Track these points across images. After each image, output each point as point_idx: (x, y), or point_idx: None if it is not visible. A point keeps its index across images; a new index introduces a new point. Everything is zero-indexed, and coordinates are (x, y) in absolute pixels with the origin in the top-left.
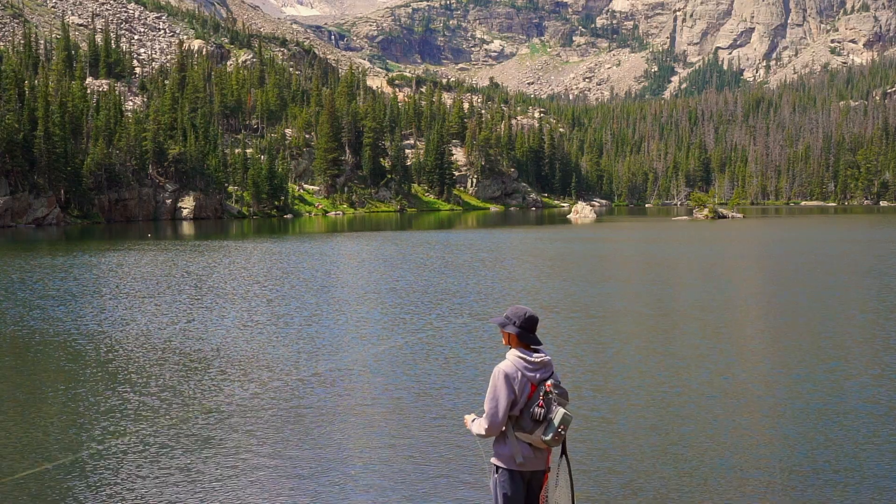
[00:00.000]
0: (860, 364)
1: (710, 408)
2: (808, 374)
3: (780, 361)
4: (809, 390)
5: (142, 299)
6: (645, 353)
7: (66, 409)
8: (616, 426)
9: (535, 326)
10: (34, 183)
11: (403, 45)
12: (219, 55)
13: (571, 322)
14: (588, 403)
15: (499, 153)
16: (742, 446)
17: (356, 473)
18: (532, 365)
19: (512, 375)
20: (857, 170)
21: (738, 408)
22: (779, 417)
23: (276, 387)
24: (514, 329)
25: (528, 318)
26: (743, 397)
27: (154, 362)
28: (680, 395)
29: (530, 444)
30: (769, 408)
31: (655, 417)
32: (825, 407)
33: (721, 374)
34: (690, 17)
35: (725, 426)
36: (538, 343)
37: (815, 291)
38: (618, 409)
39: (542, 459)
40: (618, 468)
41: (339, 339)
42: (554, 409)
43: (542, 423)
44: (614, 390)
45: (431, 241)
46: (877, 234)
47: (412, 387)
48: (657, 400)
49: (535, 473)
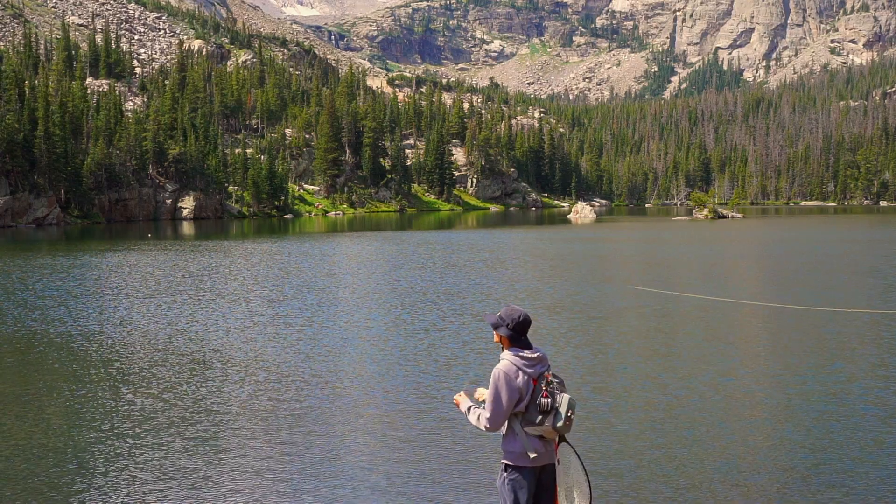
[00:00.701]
0: (862, 365)
1: (712, 409)
2: (810, 375)
3: (782, 362)
4: (811, 391)
5: (142, 300)
6: (645, 354)
7: (66, 410)
8: (616, 427)
9: (527, 329)
10: (34, 183)
11: (403, 45)
12: (219, 55)
13: (572, 323)
14: (588, 404)
15: (499, 153)
16: (743, 447)
17: (357, 474)
18: (529, 361)
19: (512, 375)
20: (857, 170)
21: (739, 409)
22: (780, 418)
23: (277, 388)
24: (506, 331)
25: (521, 321)
26: (744, 398)
27: (154, 363)
28: (681, 396)
29: (540, 437)
30: (770, 409)
31: (656, 418)
32: (827, 408)
33: (722, 374)
34: (690, 17)
35: (726, 427)
36: (529, 346)
37: (815, 292)
38: (618, 410)
39: (551, 452)
40: (618, 469)
41: (341, 339)
42: (559, 397)
43: (550, 413)
44: (615, 391)
45: (432, 241)
46: (877, 234)
47: (415, 388)
48: (658, 401)
49: (546, 468)
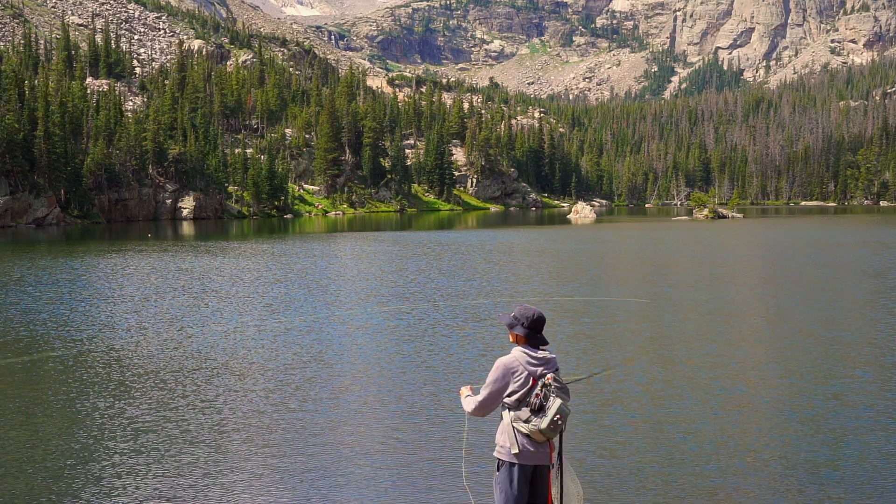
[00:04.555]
0: (865, 366)
1: (713, 410)
2: (812, 376)
3: (784, 363)
4: (813, 392)
5: (142, 301)
6: (646, 355)
7: (67, 411)
8: (618, 428)
9: (542, 327)
10: (34, 183)
11: (403, 45)
12: (219, 55)
13: (572, 322)
14: (588, 405)
15: (499, 153)
16: (744, 448)
17: (360, 474)
18: (535, 360)
19: (513, 367)
20: (857, 170)
21: (740, 409)
22: (782, 419)
23: (279, 390)
24: (522, 330)
25: (535, 318)
26: (746, 399)
27: (155, 364)
28: (682, 397)
29: (529, 436)
30: (772, 409)
31: (657, 419)
32: (829, 410)
33: (724, 375)
34: (690, 17)
35: (728, 428)
36: (545, 343)
37: (817, 291)
38: (619, 410)
39: (544, 454)
40: (618, 469)
41: (342, 341)
42: (551, 400)
43: (538, 413)
44: (615, 391)
45: (432, 241)
46: (880, 234)
47: (417, 388)
48: (659, 401)
49: (538, 469)
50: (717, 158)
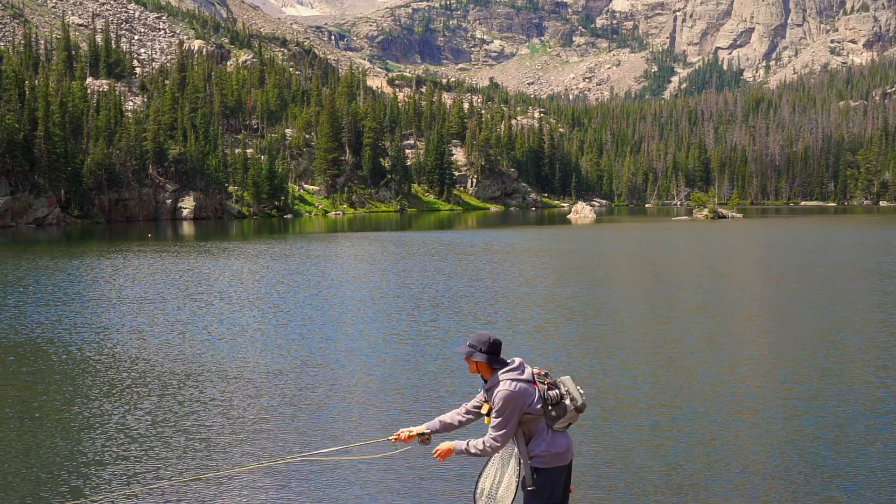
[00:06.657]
0: (866, 366)
1: (713, 410)
2: (813, 376)
3: (785, 363)
4: (814, 393)
5: (142, 302)
6: (646, 355)
7: (67, 411)
8: (617, 428)
9: (499, 350)
10: (34, 183)
11: (403, 45)
12: (219, 55)
13: (572, 323)
14: (589, 405)
15: (499, 153)
16: (744, 449)
17: (360, 474)
18: (518, 372)
19: (518, 393)
20: (857, 170)
21: (741, 410)
22: (782, 420)
23: (279, 391)
24: (482, 357)
25: (492, 342)
26: (746, 399)
27: (155, 366)
28: (682, 397)
29: (564, 430)
30: (773, 409)
31: (657, 420)
32: (830, 410)
33: (724, 375)
34: (690, 17)
35: (728, 428)
36: (505, 364)
37: (817, 292)
38: (619, 411)
39: (571, 443)
40: (619, 470)
41: (343, 342)
42: (560, 381)
43: (564, 398)
44: (615, 391)
45: (432, 241)
46: (880, 234)
47: (418, 391)
48: (659, 402)
49: (570, 462)
50: (717, 158)
